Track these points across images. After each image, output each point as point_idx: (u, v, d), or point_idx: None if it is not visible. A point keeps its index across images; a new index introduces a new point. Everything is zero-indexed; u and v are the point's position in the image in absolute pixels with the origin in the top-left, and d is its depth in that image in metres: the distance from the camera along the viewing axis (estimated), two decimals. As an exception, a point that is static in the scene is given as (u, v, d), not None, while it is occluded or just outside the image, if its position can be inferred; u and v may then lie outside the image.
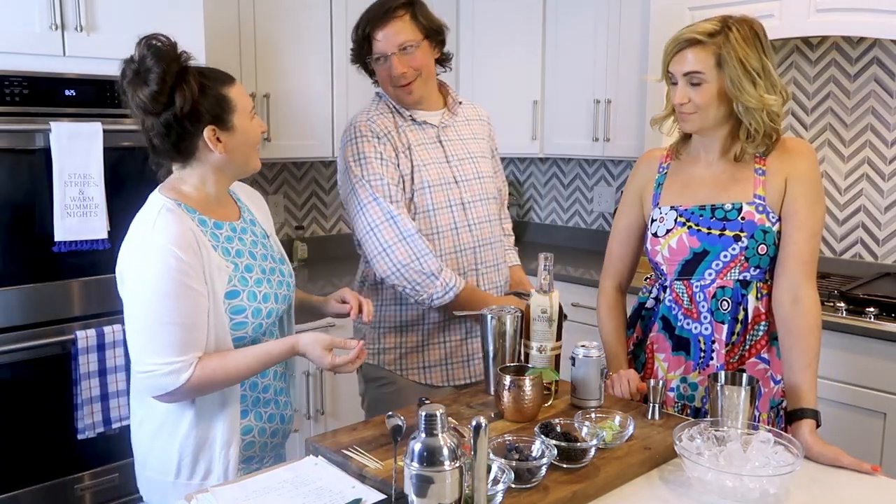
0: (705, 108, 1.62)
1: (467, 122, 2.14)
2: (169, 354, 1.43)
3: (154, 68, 1.43)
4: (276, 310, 1.59)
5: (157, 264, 1.43)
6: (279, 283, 1.63)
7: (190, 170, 1.54)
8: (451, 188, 2.01)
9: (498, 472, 1.21)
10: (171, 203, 1.50)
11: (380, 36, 1.91)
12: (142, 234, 1.48)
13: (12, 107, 2.22)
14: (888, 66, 2.87)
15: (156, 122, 1.47)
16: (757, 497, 1.28)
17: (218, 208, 1.58)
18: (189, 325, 1.44)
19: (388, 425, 1.26)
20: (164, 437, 1.54)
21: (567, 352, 1.65)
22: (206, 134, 1.48)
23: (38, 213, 2.28)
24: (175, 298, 1.43)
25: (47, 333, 2.33)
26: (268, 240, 1.68)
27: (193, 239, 1.46)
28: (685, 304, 1.70)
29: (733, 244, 1.64)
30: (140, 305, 1.45)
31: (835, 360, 2.43)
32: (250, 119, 1.55)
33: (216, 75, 1.52)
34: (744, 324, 1.66)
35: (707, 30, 1.60)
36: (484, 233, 2.07)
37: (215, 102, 1.48)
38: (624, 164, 3.74)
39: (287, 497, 1.25)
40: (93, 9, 2.33)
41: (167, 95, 1.44)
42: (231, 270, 1.52)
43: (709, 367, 1.67)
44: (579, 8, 3.46)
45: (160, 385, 1.44)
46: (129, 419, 2.44)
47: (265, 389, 1.62)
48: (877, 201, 2.95)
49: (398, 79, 1.94)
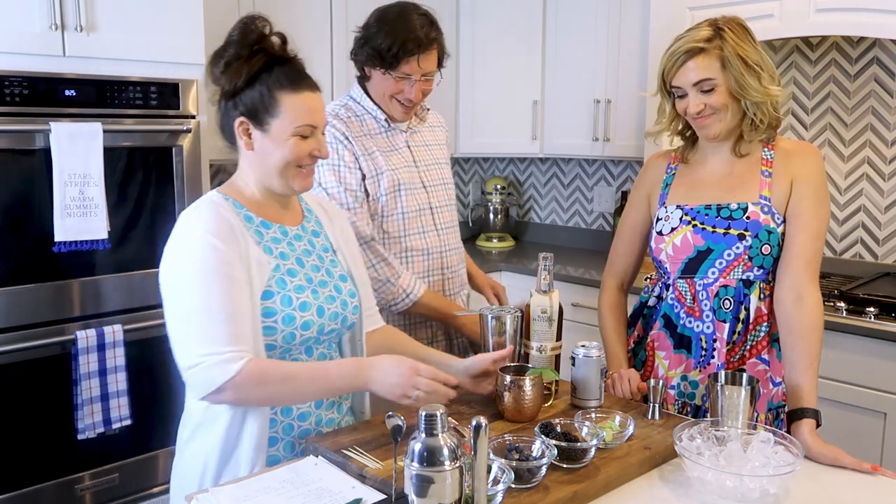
0: (723, 109, 1.63)
1: (431, 129, 2.19)
2: (216, 344, 1.35)
3: (227, 47, 1.45)
4: (317, 323, 1.49)
5: (196, 254, 1.39)
6: (329, 297, 1.53)
7: (240, 161, 1.54)
8: (419, 192, 2.05)
9: (498, 472, 1.21)
10: (219, 197, 1.49)
11: (412, 61, 1.92)
12: (181, 226, 1.45)
13: (12, 107, 2.22)
14: (888, 66, 2.87)
15: (219, 95, 1.49)
16: (757, 497, 1.28)
17: (269, 209, 1.53)
18: (234, 315, 1.37)
19: (388, 425, 1.26)
20: (199, 437, 1.49)
21: (567, 352, 1.65)
22: (237, 123, 1.47)
23: (38, 213, 2.28)
24: (218, 287, 1.37)
25: (47, 333, 2.32)
26: (331, 254, 1.61)
27: (232, 230, 1.43)
28: (688, 302, 1.70)
29: (737, 243, 1.64)
30: (182, 298, 1.40)
31: (835, 360, 2.43)
32: (295, 136, 1.45)
33: (287, 77, 1.46)
34: (745, 323, 1.66)
35: (703, 36, 1.61)
36: (449, 238, 2.12)
37: (258, 97, 1.44)
38: (624, 164, 3.74)
39: (287, 497, 1.25)
40: (93, 9, 2.33)
41: (222, 72, 1.45)
42: (271, 269, 1.46)
43: (710, 365, 1.67)
44: (579, 8, 3.46)
45: (210, 378, 1.35)
46: (129, 419, 2.47)
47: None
48: (877, 201, 2.95)
49: (410, 101, 1.99)
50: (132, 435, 2.52)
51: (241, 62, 1.44)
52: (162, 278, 1.45)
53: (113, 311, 2.43)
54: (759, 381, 1.58)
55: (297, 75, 1.48)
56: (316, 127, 1.49)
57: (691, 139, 1.77)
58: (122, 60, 2.40)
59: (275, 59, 1.47)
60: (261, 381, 1.38)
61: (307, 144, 1.47)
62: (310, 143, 1.48)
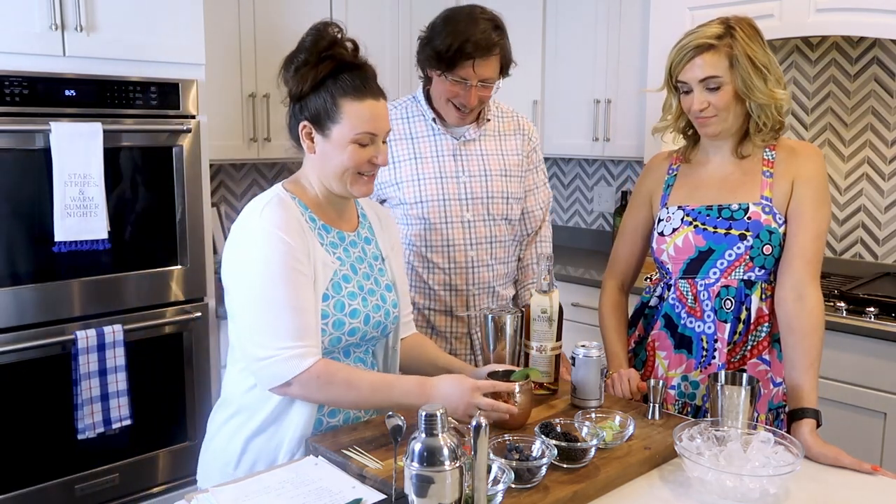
0: (726, 110, 1.62)
1: (499, 137, 2.07)
2: (288, 339, 1.39)
3: (299, 52, 1.48)
4: (361, 331, 1.53)
5: (265, 248, 1.41)
6: (375, 306, 1.56)
7: (304, 161, 1.55)
8: (452, 204, 1.99)
9: (498, 472, 1.21)
10: (286, 194, 1.50)
11: (468, 65, 1.87)
12: (248, 220, 1.46)
13: (12, 107, 2.22)
14: (888, 66, 2.87)
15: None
16: (757, 497, 1.28)
17: (330, 213, 1.56)
18: (305, 310, 1.41)
19: (388, 425, 1.25)
20: (234, 425, 1.51)
21: (567, 352, 1.65)
22: (300, 126, 1.49)
23: (38, 213, 2.28)
24: (285, 282, 1.40)
25: (47, 333, 2.32)
26: (380, 262, 1.63)
27: (300, 227, 1.45)
28: (689, 302, 1.70)
29: (738, 243, 1.64)
30: (251, 292, 1.42)
31: (835, 360, 2.43)
32: (354, 143, 1.47)
33: (352, 84, 1.46)
34: (746, 324, 1.66)
35: (714, 33, 1.60)
36: (483, 253, 2.03)
37: (322, 103, 1.46)
38: (624, 164, 3.74)
39: (287, 497, 1.25)
40: (93, 9, 2.33)
41: (291, 77, 1.48)
42: (334, 270, 1.49)
43: (710, 365, 1.67)
44: (579, 8, 3.46)
45: (281, 372, 1.39)
46: (128, 419, 2.47)
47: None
48: (877, 201, 2.95)
49: (468, 106, 1.94)
50: (132, 435, 2.52)
51: (308, 68, 1.46)
52: (227, 269, 1.48)
53: (113, 311, 2.43)
54: (759, 381, 1.58)
55: (361, 83, 1.48)
56: (376, 135, 1.50)
57: (693, 138, 1.77)
58: (122, 60, 2.40)
59: (343, 65, 1.48)
60: (327, 382, 1.41)
61: (366, 152, 1.49)
62: (369, 150, 1.49)
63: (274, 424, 1.49)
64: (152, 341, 2.51)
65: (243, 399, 1.51)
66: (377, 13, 3.27)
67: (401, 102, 2.06)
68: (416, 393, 1.43)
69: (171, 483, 2.65)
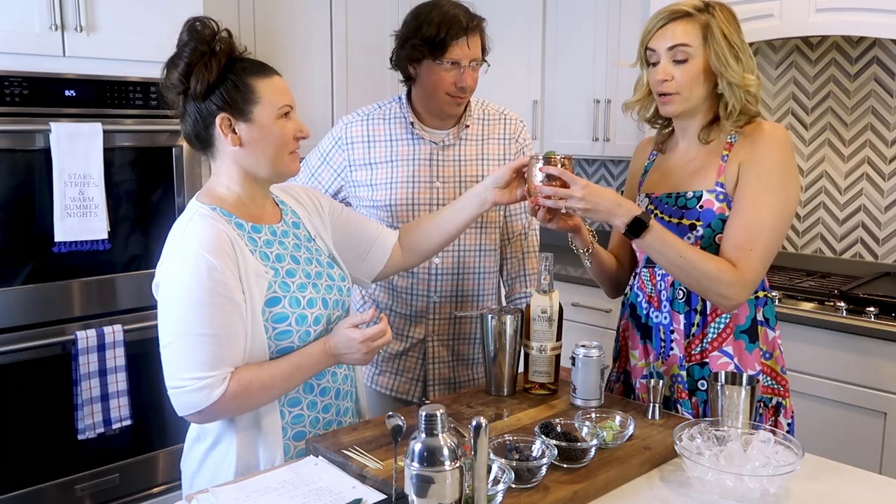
0: (689, 86, 1.58)
1: (481, 142, 2.02)
2: (201, 369, 1.35)
3: (183, 49, 1.42)
4: (325, 315, 1.50)
5: (189, 272, 1.36)
6: (328, 287, 1.54)
7: (218, 165, 1.50)
8: (422, 210, 1.94)
9: (498, 472, 1.21)
10: (205, 208, 1.43)
11: (461, 44, 1.87)
12: (174, 241, 1.42)
13: (12, 107, 2.22)
14: (888, 66, 2.87)
15: (180, 105, 1.46)
16: (757, 497, 1.28)
17: (254, 210, 1.51)
18: (224, 337, 1.37)
19: (388, 425, 1.26)
20: (218, 456, 1.47)
21: (567, 352, 1.65)
22: (218, 121, 1.43)
23: (38, 213, 2.28)
24: (209, 308, 1.35)
25: (47, 333, 2.33)
26: (312, 242, 1.60)
27: (228, 243, 1.39)
28: (648, 291, 1.70)
29: (688, 233, 1.61)
30: (172, 316, 1.38)
31: (835, 360, 2.43)
32: (280, 118, 1.45)
33: (252, 66, 1.45)
34: (703, 315, 1.64)
35: (692, 3, 1.58)
36: (468, 260, 1.99)
37: (233, 88, 1.41)
38: (624, 164, 3.74)
39: (287, 497, 1.25)
40: (93, 9, 2.34)
41: (186, 76, 1.41)
42: (271, 276, 1.44)
43: (670, 357, 1.66)
44: (579, 8, 3.46)
45: (191, 402, 1.36)
46: (129, 420, 2.46)
47: (323, 392, 1.55)
48: (877, 201, 2.95)
49: (463, 90, 1.90)
50: (132, 435, 2.52)
51: (207, 58, 1.41)
52: (155, 292, 1.46)
53: (113, 311, 2.44)
54: (758, 380, 1.58)
55: (259, 64, 1.48)
56: (293, 107, 1.49)
57: (664, 125, 1.74)
58: (122, 60, 2.40)
59: (233, 52, 1.46)
60: (247, 398, 1.40)
61: (292, 124, 1.48)
62: (293, 123, 1.49)
63: (243, 443, 1.46)
64: (152, 341, 2.50)
65: (223, 426, 1.47)
66: (377, 13, 3.28)
67: (385, 103, 2.03)
68: (322, 359, 1.47)
69: (171, 483, 2.65)
